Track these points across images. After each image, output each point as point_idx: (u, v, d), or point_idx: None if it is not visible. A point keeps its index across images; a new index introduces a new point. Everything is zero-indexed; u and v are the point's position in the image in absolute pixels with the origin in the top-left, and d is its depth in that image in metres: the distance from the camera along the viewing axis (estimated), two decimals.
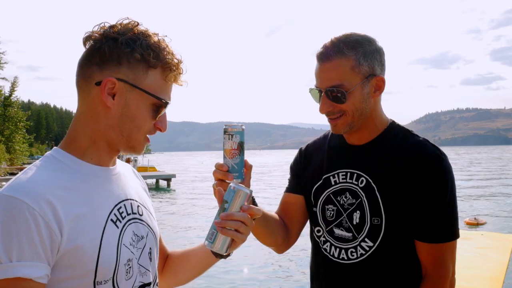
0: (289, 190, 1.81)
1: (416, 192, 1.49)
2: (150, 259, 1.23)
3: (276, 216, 1.74)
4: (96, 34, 1.09)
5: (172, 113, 1.24)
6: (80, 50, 1.14)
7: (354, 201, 1.57)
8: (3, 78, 52.53)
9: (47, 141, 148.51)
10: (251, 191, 1.19)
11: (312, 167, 1.74)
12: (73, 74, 1.13)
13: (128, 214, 1.16)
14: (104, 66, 1.07)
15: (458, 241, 1.54)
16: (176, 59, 1.13)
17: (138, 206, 1.22)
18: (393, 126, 1.63)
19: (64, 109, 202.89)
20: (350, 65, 1.47)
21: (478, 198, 21.66)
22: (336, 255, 1.60)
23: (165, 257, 1.45)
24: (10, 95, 53.70)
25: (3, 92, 52.60)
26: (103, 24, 1.10)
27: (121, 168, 1.24)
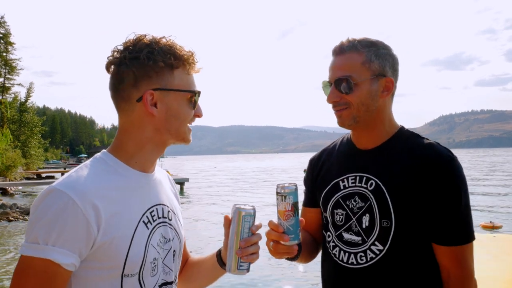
0: (305, 204, 1.86)
1: (429, 194, 1.48)
2: (174, 260, 1.35)
3: (307, 233, 1.80)
4: (117, 59, 1.24)
5: None
6: (94, 56, 1.30)
7: (363, 204, 1.57)
8: (19, 84, 53.42)
9: (62, 145, 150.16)
10: (254, 210, 1.30)
11: (322, 174, 1.77)
12: (87, 78, 1.34)
13: (159, 218, 1.29)
14: (138, 84, 1.22)
15: None
16: (189, 52, 1.27)
17: (168, 211, 1.35)
18: (403, 131, 1.65)
19: (78, 114, 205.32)
20: (361, 60, 1.54)
21: (495, 201, 21.37)
22: (345, 259, 1.60)
23: (185, 261, 1.56)
24: (26, 101, 54.37)
25: (19, 98, 53.39)
26: (116, 48, 1.25)
27: (159, 174, 1.38)
